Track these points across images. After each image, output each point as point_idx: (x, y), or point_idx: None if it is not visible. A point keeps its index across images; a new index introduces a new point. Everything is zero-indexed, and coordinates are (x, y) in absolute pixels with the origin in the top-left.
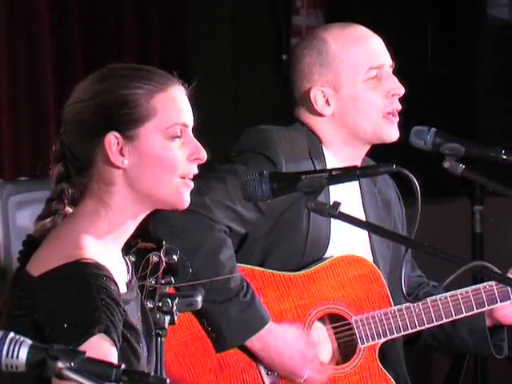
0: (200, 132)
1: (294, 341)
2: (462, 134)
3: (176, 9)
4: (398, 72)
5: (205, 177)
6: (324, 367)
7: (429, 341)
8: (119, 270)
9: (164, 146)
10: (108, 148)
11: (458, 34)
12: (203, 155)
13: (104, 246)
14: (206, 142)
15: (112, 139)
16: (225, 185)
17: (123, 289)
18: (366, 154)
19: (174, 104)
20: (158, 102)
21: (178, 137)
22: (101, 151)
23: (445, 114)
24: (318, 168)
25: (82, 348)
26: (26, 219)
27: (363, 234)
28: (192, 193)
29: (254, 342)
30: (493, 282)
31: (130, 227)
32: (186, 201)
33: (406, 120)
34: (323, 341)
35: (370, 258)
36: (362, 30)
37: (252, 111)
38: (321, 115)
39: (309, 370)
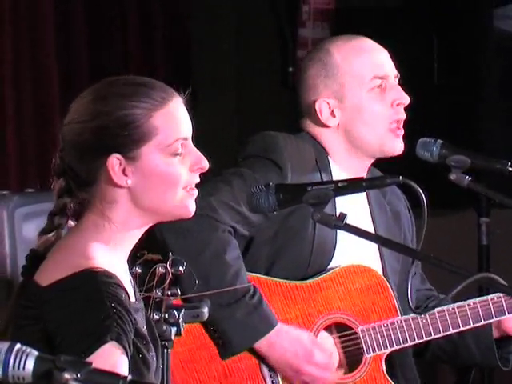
0: (205, 146)
1: (299, 340)
2: (468, 145)
3: (181, 23)
4: (404, 84)
5: (210, 180)
6: (333, 369)
7: (436, 352)
8: (127, 280)
9: (167, 163)
10: (111, 170)
11: (464, 46)
12: (205, 164)
13: (111, 255)
14: (211, 155)
15: (114, 161)
16: (230, 187)
17: (132, 298)
18: (372, 165)
19: (174, 119)
20: (158, 120)
21: (180, 153)
22: (103, 172)
23: (451, 125)
24: (324, 177)
25: (93, 356)
26: (32, 231)
27: (373, 245)
28: (197, 196)
29: (261, 344)
30: (501, 294)
31: (135, 236)
32: (191, 210)
33: (412, 131)
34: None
35: (379, 269)
36: (366, 42)
37: (257, 122)
38: (326, 126)
39: (315, 370)
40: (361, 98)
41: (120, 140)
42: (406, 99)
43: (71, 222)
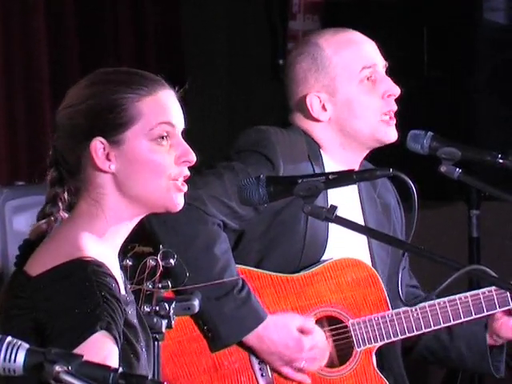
0: (195, 138)
1: (288, 328)
2: (457, 137)
3: (172, 14)
4: (393, 76)
5: (201, 172)
6: (323, 354)
7: (423, 352)
8: (117, 273)
9: (150, 149)
10: (94, 153)
11: (454, 39)
12: (192, 158)
13: (102, 246)
14: (201, 147)
15: (98, 144)
16: (221, 180)
17: (122, 291)
18: (365, 158)
19: (161, 106)
20: (144, 106)
21: (164, 138)
22: (89, 157)
23: (441, 117)
24: (316, 171)
25: (83, 345)
26: (22, 224)
27: (362, 237)
28: (188, 187)
29: (249, 338)
30: (492, 288)
31: (126, 229)
32: (177, 204)
33: (403, 124)
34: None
35: (368, 262)
36: (354, 34)
37: (247, 115)
38: (317, 120)
39: (306, 357)
40: (352, 91)
41: (105, 123)
42: (397, 90)
43: (64, 214)
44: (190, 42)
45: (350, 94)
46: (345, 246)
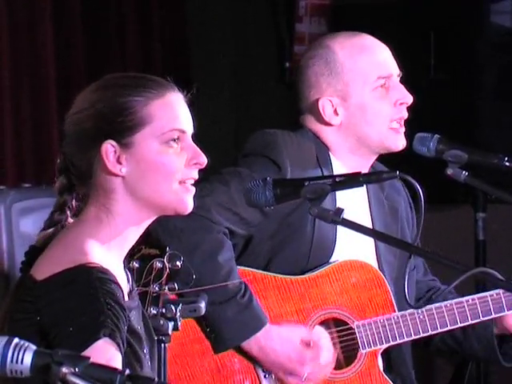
0: (202, 141)
1: (291, 340)
2: (464, 140)
3: (178, 17)
4: (400, 79)
5: (208, 179)
6: (325, 366)
7: (439, 345)
8: (121, 278)
9: (160, 151)
10: (105, 157)
11: (461, 41)
12: (203, 160)
13: (108, 252)
14: (208, 151)
15: (109, 148)
16: (227, 187)
17: (126, 296)
18: (375, 160)
19: (171, 110)
20: (154, 109)
21: (175, 141)
22: (99, 161)
23: (447, 120)
24: (325, 174)
25: (87, 352)
26: (29, 226)
27: (369, 239)
28: (194, 195)
29: (251, 344)
30: (500, 291)
31: (134, 234)
32: (188, 205)
33: (409, 127)
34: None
35: (374, 264)
36: (369, 39)
37: (254, 118)
38: (328, 124)
39: (308, 369)
40: (364, 96)
41: (115, 126)
42: (410, 99)
43: (71, 221)
44: (195, 44)
45: (362, 99)
46: (352, 248)
